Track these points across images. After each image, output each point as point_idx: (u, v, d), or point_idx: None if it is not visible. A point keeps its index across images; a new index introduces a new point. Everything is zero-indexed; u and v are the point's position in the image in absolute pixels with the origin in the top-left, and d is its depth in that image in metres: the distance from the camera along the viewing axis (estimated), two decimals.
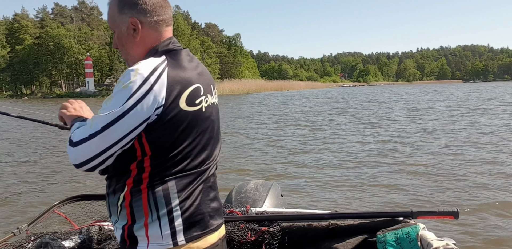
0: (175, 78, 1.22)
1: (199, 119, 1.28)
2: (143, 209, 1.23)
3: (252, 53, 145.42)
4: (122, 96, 1.16)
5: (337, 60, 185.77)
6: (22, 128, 17.12)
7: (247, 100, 40.75)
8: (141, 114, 1.16)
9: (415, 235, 1.73)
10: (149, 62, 1.21)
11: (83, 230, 2.07)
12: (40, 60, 68.16)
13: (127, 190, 1.24)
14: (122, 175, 1.25)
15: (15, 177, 7.86)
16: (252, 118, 19.82)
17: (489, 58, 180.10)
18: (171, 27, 1.40)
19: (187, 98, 1.23)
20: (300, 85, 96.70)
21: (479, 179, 6.75)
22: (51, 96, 63.34)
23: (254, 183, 2.57)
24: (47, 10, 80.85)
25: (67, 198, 2.32)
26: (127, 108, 1.15)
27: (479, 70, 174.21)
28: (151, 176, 1.23)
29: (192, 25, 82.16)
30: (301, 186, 6.70)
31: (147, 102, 1.16)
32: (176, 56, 1.30)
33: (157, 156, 1.22)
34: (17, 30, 72.35)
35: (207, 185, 1.33)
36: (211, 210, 1.33)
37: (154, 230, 1.23)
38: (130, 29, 1.33)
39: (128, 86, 1.16)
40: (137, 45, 1.34)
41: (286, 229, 1.93)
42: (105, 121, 1.16)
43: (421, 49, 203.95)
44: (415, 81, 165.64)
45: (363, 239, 1.83)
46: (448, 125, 14.57)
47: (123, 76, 1.19)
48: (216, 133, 1.39)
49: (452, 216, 1.82)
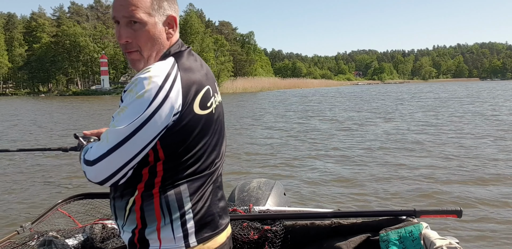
0: (188, 82, 1.18)
1: (211, 122, 1.27)
2: (155, 213, 1.20)
3: (266, 51, 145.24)
4: (138, 107, 1.11)
5: (351, 58, 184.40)
6: (22, 128, 17.38)
7: (260, 97, 40.74)
8: (160, 124, 1.12)
9: (418, 234, 1.72)
10: (160, 68, 1.16)
11: (86, 228, 2.07)
12: (56, 58, 69.22)
13: (137, 194, 1.21)
14: (132, 180, 1.21)
15: (18, 175, 7.86)
16: (257, 116, 19.78)
17: (507, 56, 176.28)
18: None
19: (200, 102, 1.21)
20: (314, 83, 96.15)
21: (484, 177, 6.68)
22: (67, 94, 64.21)
23: (257, 181, 2.57)
24: (63, 9, 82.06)
25: (70, 196, 2.33)
26: (145, 119, 1.10)
27: (497, 68, 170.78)
28: (163, 180, 1.21)
29: (206, 23, 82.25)
30: (304, 184, 6.68)
31: (165, 111, 1.12)
32: (183, 58, 1.26)
33: (170, 161, 1.20)
34: (34, 28, 73.55)
35: (216, 185, 1.33)
36: (220, 209, 1.33)
37: (166, 233, 1.21)
38: (165, 26, 1.25)
39: (143, 96, 1.10)
40: (164, 44, 1.27)
41: (289, 228, 1.93)
42: (124, 134, 1.11)
43: (437, 47, 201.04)
44: (431, 79, 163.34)
45: (366, 237, 1.83)
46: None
47: (134, 84, 1.13)
48: (223, 132, 1.38)
49: (455, 214, 1.80)
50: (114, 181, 1.16)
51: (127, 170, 1.16)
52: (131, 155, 1.13)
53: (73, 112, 25.29)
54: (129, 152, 1.12)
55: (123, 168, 1.15)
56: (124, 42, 1.23)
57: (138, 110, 1.10)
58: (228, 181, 6.38)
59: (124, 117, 1.11)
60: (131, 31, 1.21)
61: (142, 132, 1.11)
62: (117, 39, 1.26)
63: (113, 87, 64.61)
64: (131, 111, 1.11)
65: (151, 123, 1.11)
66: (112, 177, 1.15)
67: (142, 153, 1.15)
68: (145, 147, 1.14)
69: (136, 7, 1.19)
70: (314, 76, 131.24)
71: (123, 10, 1.20)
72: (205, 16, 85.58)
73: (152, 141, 1.14)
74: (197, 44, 61.29)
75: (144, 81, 1.11)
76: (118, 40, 1.26)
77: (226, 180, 6.57)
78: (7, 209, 5.73)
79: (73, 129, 15.39)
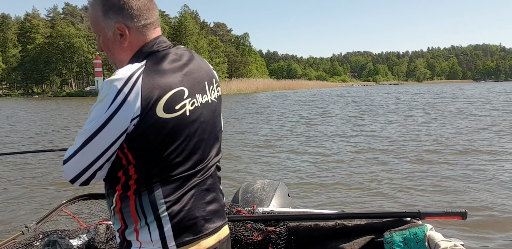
0: (150, 86, 1.17)
1: (181, 124, 1.23)
2: (132, 215, 1.23)
3: (261, 53, 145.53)
4: (98, 111, 1.15)
5: (346, 59, 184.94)
6: (24, 129, 17.30)
7: (252, 99, 40.77)
8: (117, 128, 1.15)
9: (422, 235, 1.71)
10: (125, 71, 1.18)
11: (90, 229, 2.09)
12: (50, 59, 68.98)
13: (117, 196, 1.25)
14: (113, 181, 1.26)
15: (23, 175, 7.90)
16: (256, 116, 19.81)
17: (501, 57, 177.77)
18: (159, 28, 1.35)
19: (164, 105, 1.19)
20: (309, 84, 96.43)
21: (490, 180, 6.68)
22: (61, 95, 64.00)
23: (260, 182, 2.56)
24: (57, 10, 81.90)
25: (75, 197, 2.34)
26: (102, 123, 1.14)
27: (491, 69, 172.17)
28: (137, 183, 1.22)
29: (201, 24, 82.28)
30: (308, 185, 6.67)
31: (122, 114, 1.14)
32: (157, 59, 1.25)
33: (141, 164, 1.21)
34: (28, 29, 73.24)
35: (201, 188, 1.30)
36: (207, 213, 1.31)
37: (144, 235, 1.23)
38: (116, 35, 1.29)
39: (103, 101, 1.15)
40: (124, 50, 1.31)
41: (293, 229, 1.93)
42: (85, 137, 1.16)
43: (431, 49, 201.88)
44: (425, 81, 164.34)
45: (370, 239, 1.82)
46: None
47: (101, 87, 1.18)
48: (209, 134, 1.34)
49: (460, 216, 1.80)
50: (82, 180, 1.21)
51: (94, 170, 1.20)
52: (94, 156, 1.17)
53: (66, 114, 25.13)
54: (92, 153, 1.17)
55: (89, 168, 1.19)
56: (100, 51, 1.39)
57: (99, 113, 1.15)
58: (232, 182, 6.36)
59: (88, 120, 1.17)
60: (100, 42, 1.35)
61: (101, 135, 1.15)
62: None
63: None
64: (94, 115, 1.16)
65: (109, 127, 1.14)
66: (80, 176, 1.20)
67: (106, 155, 1.18)
68: (107, 149, 1.17)
69: (92, 22, 1.33)
70: (309, 77, 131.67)
71: (91, 25, 1.35)
72: (200, 17, 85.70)
73: (113, 143, 1.17)
74: (192, 45, 61.31)
75: (107, 85, 1.16)
76: None
77: (228, 181, 6.58)
78: (12, 209, 5.76)
79: (64, 129, 15.31)
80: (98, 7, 1.29)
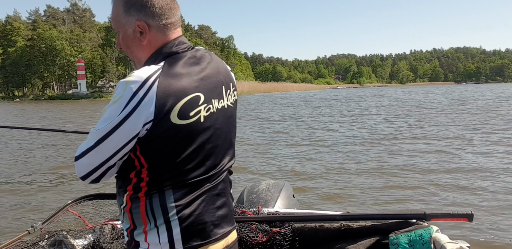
0: (166, 90, 1.15)
1: (195, 131, 1.22)
2: (141, 216, 1.23)
3: (247, 55, 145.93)
4: (112, 112, 1.15)
5: (331, 62, 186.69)
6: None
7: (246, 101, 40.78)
8: (129, 131, 1.14)
9: (428, 237, 1.71)
10: (141, 73, 1.16)
11: (96, 229, 2.10)
12: (32, 62, 67.93)
13: (127, 196, 1.25)
14: (124, 181, 1.26)
15: (29, 176, 7.96)
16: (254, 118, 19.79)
17: (481, 60, 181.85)
18: (179, 29, 1.34)
19: (179, 111, 1.17)
20: (294, 87, 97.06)
21: (495, 181, 6.68)
22: (43, 98, 63.03)
23: (265, 183, 2.57)
24: (39, 12, 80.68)
25: (80, 197, 2.35)
26: (117, 124, 1.14)
27: (471, 72, 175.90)
28: (148, 186, 1.22)
29: (185, 27, 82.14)
30: (313, 186, 6.64)
31: (135, 118, 1.13)
32: (175, 62, 1.23)
33: (154, 168, 1.21)
34: (9, 32, 72.09)
35: (212, 193, 1.29)
36: (216, 218, 1.30)
37: (152, 237, 1.23)
38: (136, 32, 1.28)
39: (117, 102, 1.14)
40: (143, 48, 1.30)
41: (298, 230, 1.92)
42: (98, 137, 1.16)
43: (414, 51, 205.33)
44: (408, 83, 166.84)
45: (376, 241, 1.82)
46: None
47: (116, 87, 1.17)
48: (223, 140, 1.33)
49: (466, 218, 1.80)
50: (93, 178, 1.22)
51: (105, 169, 1.21)
52: (106, 155, 1.18)
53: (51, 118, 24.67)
54: (104, 152, 1.17)
55: (101, 167, 1.20)
56: (119, 48, 1.36)
57: (113, 115, 1.14)
58: (237, 183, 6.34)
59: (102, 119, 1.17)
60: (119, 39, 1.34)
61: (114, 136, 1.15)
62: None
63: (91, 91, 63.71)
64: (107, 115, 1.16)
65: (121, 129, 1.14)
66: (91, 174, 1.21)
67: (118, 155, 1.18)
68: (119, 150, 1.17)
69: (113, 19, 1.32)
70: (294, 80, 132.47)
71: (112, 21, 1.35)
72: (184, 20, 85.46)
73: (125, 145, 1.17)
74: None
75: (122, 86, 1.14)
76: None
77: (234, 182, 6.48)
78: (18, 209, 5.80)
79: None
80: (120, 3, 1.29)
